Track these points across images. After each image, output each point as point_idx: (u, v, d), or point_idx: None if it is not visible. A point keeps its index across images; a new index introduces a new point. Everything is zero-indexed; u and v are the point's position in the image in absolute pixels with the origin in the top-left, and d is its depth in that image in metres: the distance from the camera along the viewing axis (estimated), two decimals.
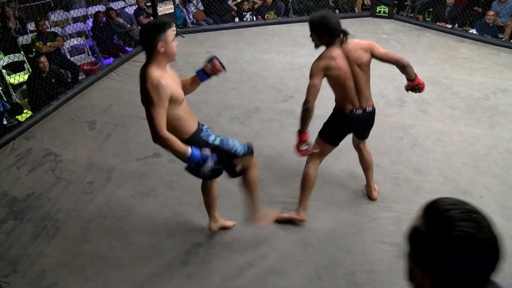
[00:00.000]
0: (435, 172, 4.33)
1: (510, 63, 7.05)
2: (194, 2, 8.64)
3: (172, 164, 4.26)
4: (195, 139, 2.85)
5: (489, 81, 6.31)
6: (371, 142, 4.69)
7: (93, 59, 7.42)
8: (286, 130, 4.90)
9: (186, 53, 6.84)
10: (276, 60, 6.69)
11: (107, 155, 4.60)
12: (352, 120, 3.50)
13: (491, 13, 8.21)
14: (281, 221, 3.65)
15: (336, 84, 3.40)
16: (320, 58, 3.36)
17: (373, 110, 3.57)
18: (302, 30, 8.06)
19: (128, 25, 7.87)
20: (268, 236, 3.52)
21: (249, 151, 3.03)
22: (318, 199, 3.91)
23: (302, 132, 3.43)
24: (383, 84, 6.01)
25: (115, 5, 8.57)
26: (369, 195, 3.98)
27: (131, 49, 7.38)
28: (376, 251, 3.42)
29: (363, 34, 8.01)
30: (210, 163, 2.68)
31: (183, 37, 7.74)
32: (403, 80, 6.03)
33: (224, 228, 3.60)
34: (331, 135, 3.62)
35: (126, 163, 4.43)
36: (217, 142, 2.94)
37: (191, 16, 8.55)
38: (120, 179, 4.20)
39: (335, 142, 3.66)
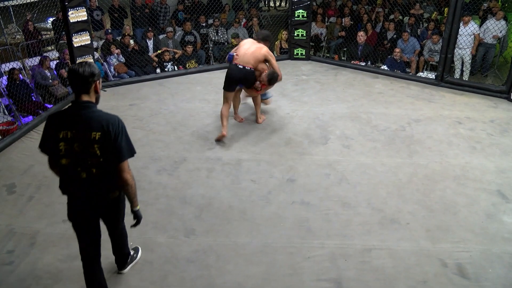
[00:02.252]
0: (363, 205, 4.45)
1: (419, 94, 7.54)
2: (115, 54, 8.57)
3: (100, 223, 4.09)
4: None
5: (403, 113, 6.68)
6: (299, 181, 4.80)
7: (10, 118, 7.09)
8: (214, 178, 4.89)
9: (109, 107, 6.71)
10: (200, 109, 6.72)
11: (30, 219, 4.33)
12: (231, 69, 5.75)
13: (397, 50, 8.81)
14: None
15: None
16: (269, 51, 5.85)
17: (249, 70, 5.68)
18: (223, 77, 8.19)
19: (50, 80, 7.64)
20: (205, 285, 3.44)
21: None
22: (252, 242, 3.89)
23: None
24: (306, 124, 6.19)
25: (31, 61, 8.29)
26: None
27: (52, 105, 7.15)
28: None
29: (283, 76, 8.22)
30: None
31: (105, 91, 7.61)
32: (325, 118, 6.35)
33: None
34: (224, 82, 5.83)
35: (52, 226, 4.20)
36: None
37: (112, 69, 8.46)
38: (46, 244, 3.96)
39: (227, 88, 5.80)
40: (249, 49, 5.77)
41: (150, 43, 9.22)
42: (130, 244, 3.70)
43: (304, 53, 9.38)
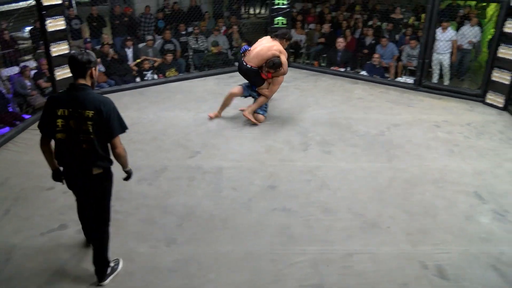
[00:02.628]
0: (344, 210, 4.49)
1: (398, 99, 7.64)
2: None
3: (80, 235, 4.05)
4: None
5: (382, 118, 6.76)
6: (280, 187, 4.82)
7: None
8: (195, 187, 4.88)
9: None
10: (180, 117, 6.70)
11: (6, 233, 4.23)
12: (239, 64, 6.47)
13: (376, 55, 8.93)
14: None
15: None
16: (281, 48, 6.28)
17: (250, 68, 6.24)
18: (203, 85, 8.23)
19: (29, 90, 7.55)
20: None
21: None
22: (234, 251, 3.89)
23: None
24: (286, 131, 6.22)
25: (7, 71, 8.18)
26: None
27: (29, 116, 7.04)
28: None
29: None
30: None
31: None
32: (305, 124, 6.39)
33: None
34: None
35: (29, 240, 4.13)
36: None
37: None
38: (23, 259, 3.90)
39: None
40: (257, 48, 6.28)
41: (130, 52, 9.18)
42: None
43: None
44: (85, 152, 3.16)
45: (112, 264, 3.65)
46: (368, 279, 3.61)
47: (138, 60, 8.96)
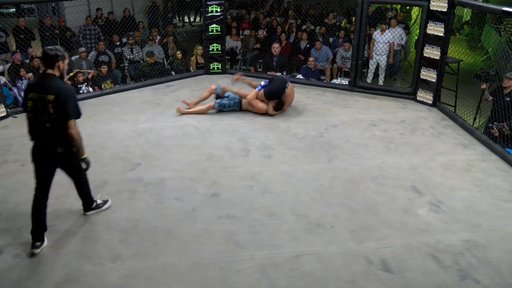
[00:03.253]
0: (288, 213, 4.53)
1: (334, 100, 7.84)
2: (28, 78, 8.10)
3: (19, 260, 3.87)
4: None
5: (320, 120, 6.91)
6: (224, 195, 4.81)
7: None
8: (138, 199, 4.77)
9: (22, 134, 6.33)
10: (119, 130, 6.55)
11: None
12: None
13: (311, 59, 9.13)
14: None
15: None
16: None
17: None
18: (140, 95, 8.09)
19: None
20: None
21: None
22: (181, 262, 3.84)
23: None
24: (226, 138, 6.21)
25: None
26: None
27: None
28: None
29: (200, 91, 8.22)
30: None
31: (15, 117, 7.20)
32: (244, 130, 6.42)
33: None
34: None
35: None
36: None
37: (22, 94, 8.02)
38: None
39: None
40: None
41: None
42: (99, 196, 4.65)
43: (220, 67, 9.43)
44: (49, 131, 3.76)
45: (98, 202, 4.53)
46: (316, 279, 3.67)
47: (71, 74, 8.68)
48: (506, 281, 3.67)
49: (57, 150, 3.84)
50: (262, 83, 7.11)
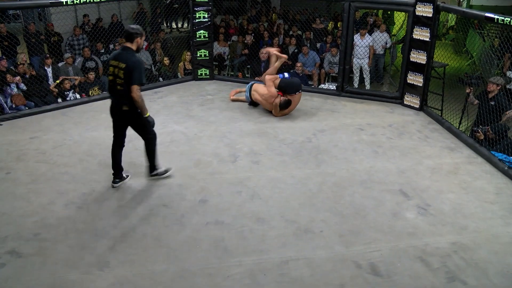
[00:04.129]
0: (276, 218, 4.54)
1: (322, 106, 7.87)
2: (16, 82, 7.97)
3: (3, 269, 3.82)
4: None
5: (308, 125, 6.93)
6: (212, 201, 4.80)
7: None
8: (125, 207, 4.74)
9: (7, 142, 6.31)
10: (106, 137, 6.46)
11: None
12: None
13: (299, 64, 9.18)
14: None
15: None
16: None
17: None
18: None
19: None
20: None
21: None
22: (170, 269, 3.82)
23: None
24: (214, 144, 6.21)
25: None
26: None
27: None
28: None
29: (188, 97, 8.26)
30: None
31: (1, 125, 7.13)
32: (232, 136, 6.43)
33: None
34: None
35: None
36: None
37: (8, 101, 7.94)
38: None
39: None
40: None
41: (49, 71, 8.83)
42: (159, 165, 5.24)
43: (208, 73, 9.43)
44: (119, 92, 4.70)
45: (159, 169, 5.25)
46: (305, 284, 3.67)
47: (58, 81, 8.63)
48: (492, 281, 3.71)
49: (122, 107, 4.76)
50: (286, 75, 7.35)
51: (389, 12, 12.14)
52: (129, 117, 4.84)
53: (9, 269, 3.81)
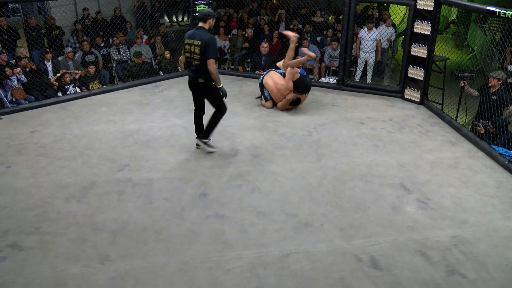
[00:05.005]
0: (277, 212, 4.54)
1: (323, 99, 7.86)
2: (16, 74, 7.93)
3: (4, 263, 3.83)
4: None
5: (309, 119, 6.92)
6: (212, 194, 4.81)
7: None
8: (126, 200, 4.75)
9: (7, 136, 6.31)
10: (106, 130, 6.51)
11: None
12: None
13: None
14: None
15: None
16: None
17: None
18: (128, 96, 8.06)
19: None
20: None
21: None
22: (170, 262, 3.83)
23: None
24: (214, 137, 6.12)
25: None
26: None
27: None
28: None
29: (188, 91, 8.15)
30: None
31: (1, 118, 7.13)
32: (233, 130, 6.42)
33: None
34: None
35: None
36: None
37: (8, 95, 7.93)
38: None
39: None
40: None
41: (49, 65, 8.81)
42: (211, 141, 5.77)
43: None
44: (195, 66, 5.34)
45: (210, 142, 5.81)
46: (306, 277, 3.68)
47: (58, 75, 8.61)
48: (491, 275, 3.72)
49: (198, 80, 5.39)
50: (305, 73, 7.34)
51: (385, 4, 12.08)
52: (204, 88, 5.46)
53: (10, 262, 3.82)
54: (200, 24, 5.36)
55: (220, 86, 5.40)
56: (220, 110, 5.63)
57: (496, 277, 3.69)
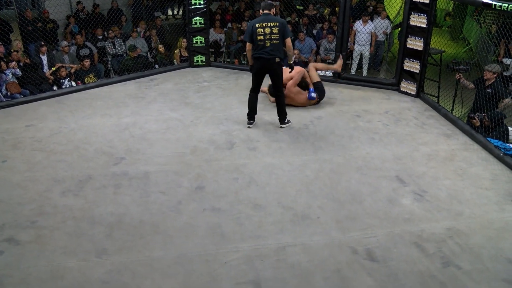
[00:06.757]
0: (273, 204, 4.55)
1: None
2: (11, 68, 7.86)
3: (1, 257, 3.83)
4: None
5: (305, 111, 6.93)
6: (209, 188, 4.81)
7: None
8: (122, 194, 4.75)
9: (3, 130, 6.29)
10: (102, 124, 6.50)
11: None
12: None
13: (296, 51, 9.08)
14: None
15: None
16: None
17: None
18: (124, 89, 8.04)
19: None
20: None
21: None
22: (167, 255, 3.84)
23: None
24: (210, 130, 6.21)
25: None
26: None
27: None
28: None
29: (184, 84, 8.23)
30: None
31: None
32: (229, 123, 6.41)
33: None
34: None
35: None
36: None
37: (3, 89, 7.88)
38: None
39: None
40: None
41: (45, 59, 8.76)
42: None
43: (204, 60, 9.39)
44: (274, 46, 5.83)
45: (287, 119, 6.36)
46: (302, 269, 3.69)
47: (54, 69, 8.57)
48: (485, 266, 3.75)
49: (275, 59, 5.88)
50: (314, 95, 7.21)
51: None
52: (277, 68, 5.97)
53: (7, 256, 3.82)
54: (266, 11, 5.93)
55: (291, 62, 6.14)
56: (282, 92, 6.24)
57: (491, 268, 3.72)
